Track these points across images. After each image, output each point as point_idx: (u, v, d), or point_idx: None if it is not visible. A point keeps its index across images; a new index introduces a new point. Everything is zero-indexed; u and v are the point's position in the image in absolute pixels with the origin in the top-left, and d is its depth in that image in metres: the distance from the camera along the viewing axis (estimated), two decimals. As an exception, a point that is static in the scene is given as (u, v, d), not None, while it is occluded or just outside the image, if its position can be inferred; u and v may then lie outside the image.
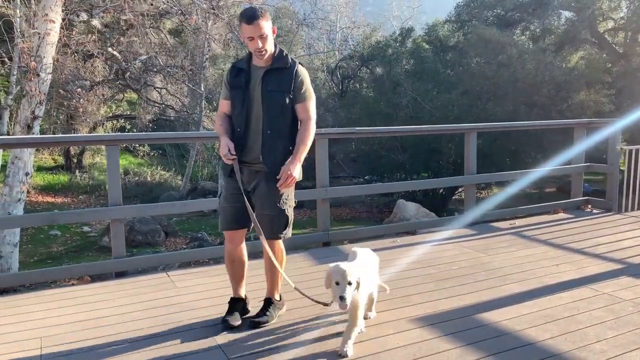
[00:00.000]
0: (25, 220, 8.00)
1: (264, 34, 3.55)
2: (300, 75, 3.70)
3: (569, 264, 5.22)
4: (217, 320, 3.91)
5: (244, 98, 3.68)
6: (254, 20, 3.51)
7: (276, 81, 3.66)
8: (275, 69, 3.67)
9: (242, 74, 3.71)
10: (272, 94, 3.65)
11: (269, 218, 3.75)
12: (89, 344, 3.55)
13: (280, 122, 3.68)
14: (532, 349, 3.47)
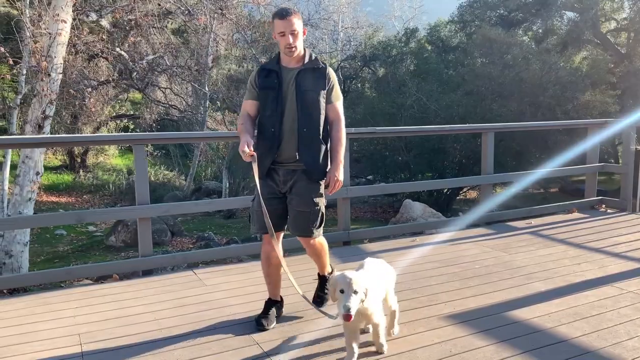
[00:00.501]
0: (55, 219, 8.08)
1: (295, 30, 3.63)
2: (331, 76, 3.79)
3: (590, 262, 5.26)
4: (250, 318, 3.95)
5: (277, 98, 3.71)
6: (286, 16, 3.61)
7: (310, 80, 3.72)
8: (309, 69, 3.74)
9: (273, 74, 3.75)
10: (307, 93, 3.70)
11: (305, 215, 3.79)
12: (126, 341, 3.59)
13: (315, 120, 3.73)
14: (565, 346, 3.51)
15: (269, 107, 3.74)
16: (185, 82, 19.78)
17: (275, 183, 3.79)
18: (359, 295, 3.02)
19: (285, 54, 3.74)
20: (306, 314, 4.05)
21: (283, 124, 3.72)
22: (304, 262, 4.92)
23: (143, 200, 4.91)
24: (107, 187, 22.11)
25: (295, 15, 3.65)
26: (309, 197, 3.76)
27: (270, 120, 3.73)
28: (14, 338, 3.66)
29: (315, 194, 3.78)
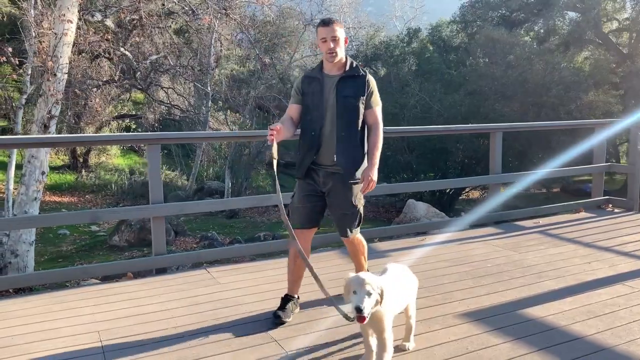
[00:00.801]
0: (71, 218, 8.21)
1: (336, 37, 3.85)
2: (371, 83, 3.95)
3: (601, 261, 5.30)
4: (266, 315, 3.99)
5: (319, 104, 3.91)
6: (329, 24, 3.87)
7: (350, 87, 3.90)
8: (349, 76, 3.92)
9: (316, 81, 3.97)
10: (347, 99, 3.88)
11: (347, 216, 4.00)
12: (145, 338, 3.62)
13: (353, 125, 3.90)
14: (580, 343, 3.54)
15: (311, 112, 3.95)
16: (189, 81, 19.81)
17: (315, 182, 3.99)
18: (374, 297, 2.92)
19: (326, 60, 3.94)
20: (322, 310, 4.08)
21: (323, 128, 3.91)
22: (324, 260, 4.96)
23: (157, 199, 4.94)
24: (110, 187, 22.11)
25: (337, 24, 3.89)
26: (348, 200, 3.95)
27: (312, 124, 3.94)
28: (35, 335, 3.69)
29: (353, 197, 3.96)
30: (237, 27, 17.52)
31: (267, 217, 19.80)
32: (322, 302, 4.24)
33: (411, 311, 3.45)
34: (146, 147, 4.90)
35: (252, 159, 21.55)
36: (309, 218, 4.01)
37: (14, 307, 4.20)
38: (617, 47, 23.56)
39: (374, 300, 2.92)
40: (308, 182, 4.01)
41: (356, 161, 3.94)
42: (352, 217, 4.01)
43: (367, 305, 2.88)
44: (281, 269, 5.13)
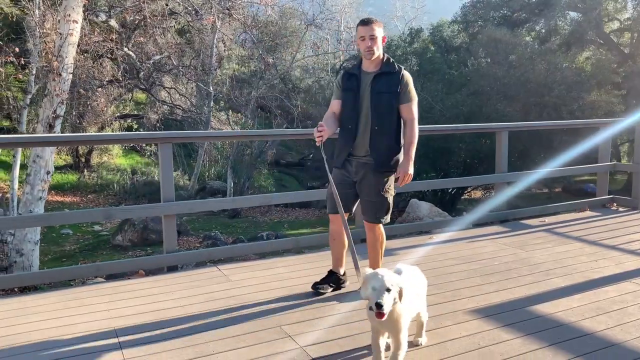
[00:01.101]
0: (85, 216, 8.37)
1: (374, 36, 4.08)
2: (405, 79, 4.16)
3: (607, 259, 5.35)
4: (279, 311, 4.05)
5: (355, 99, 4.18)
6: (368, 23, 4.11)
7: (384, 83, 4.13)
8: (384, 72, 4.15)
9: (354, 78, 4.23)
10: (381, 95, 4.12)
11: (373, 204, 4.25)
12: (161, 334, 3.67)
13: (386, 119, 4.13)
14: (590, 339, 3.59)
15: (348, 106, 4.24)
16: (191, 82, 19.85)
17: (348, 172, 4.27)
18: (392, 294, 2.89)
19: (364, 57, 4.19)
20: (335, 306, 4.13)
21: (359, 121, 4.18)
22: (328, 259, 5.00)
23: (168, 198, 5.00)
24: (112, 187, 22.17)
25: (376, 24, 4.12)
26: (377, 188, 4.20)
27: (349, 117, 4.23)
28: (52, 331, 3.74)
29: (382, 186, 4.20)
30: (240, 27, 17.55)
31: (269, 217, 19.86)
32: (336, 298, 4.31)
33: (422, 311, 3.46)
34: (158, 146, 4.94)
35: (254, 159, 21.61)
36: (343, 204, 4.11)
37: (31, 304, 4.26)
38: (619, 47, 23.62)
39: (392, 298, 2.90)
40: (342, 172, 4.29)
41: (388, 153, 4.17)
42: (378, 205, 4.23)
43: (387, 302, 2.85)
44: (291, 266, 5.22)
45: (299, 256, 5.64)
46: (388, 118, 4.12)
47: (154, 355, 3.37)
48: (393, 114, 4.13)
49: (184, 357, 3.33)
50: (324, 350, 3.43)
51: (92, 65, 15.28)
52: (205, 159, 24.13)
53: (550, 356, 3.34)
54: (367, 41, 4.07)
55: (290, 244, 5.92)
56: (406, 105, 4.15)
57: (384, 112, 4.11)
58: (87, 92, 15.29)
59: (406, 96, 4.14)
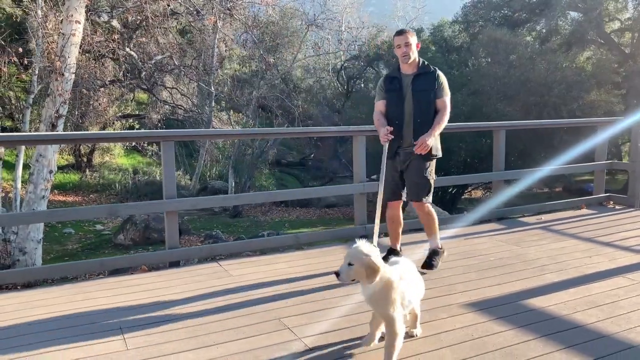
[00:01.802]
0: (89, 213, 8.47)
1: (409, 43, 4.77)
2: (440, 77, 4.84)
3: (601, 255, 5.44)
4: (279, 305, 4.15)
5: (399, 98, 4.86)
6: (402, 33, 4.82)
7: (423, 83, 4.81)
8: (422, 74, 4.84)
9: (395, 80, 4.91)
10: (421, 93, 4.80)
11: (417, 184, 4.93)
12: (164, 326, 3.77)
13: (426, 113, 4.80)
14: (581, 331, 3.68)
15: (393, 105, 4.91)
16: (193, 82, 19.95)
17: (397, 163, 4.94)
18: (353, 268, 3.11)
19: (402, 62, 4.86)
20: (334, 300, 4.23)
21: (403, 118, 4.86)
22: (332, 254, 5.10)
23: (171, 195, 5.10)
24: (113, 187, 22.27)
25: (409, 33, 4.82)
26: (421, 172, 4.89)
27: (394, 115, 4.90)
28: (57, 322, 3.85)
29: (425, 170, 4.90)
30: (240, 27, 17.65)
31: (270, 217, 19.95)
32: (335, 291, 4.41)
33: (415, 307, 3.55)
34: (160, 145, 5.05)
35: (255, 159, 21.68)
36: (393, 192, 5.02)
37: (36, 297, 4.38)
38: (619, 47, 23.67)
39: (352, 271, 3.12)
40: (393, 163, 4.94)
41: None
42: (422, 186, 4.92)
43: (343, 271, 3.13)
44: (291, 262, 5.32)
45: (298, 252, 5.75)
46: (428, 112, 4.78)
47: (156, 345, 3.48)
48: (432, 108, 4.80)
49: (185, 347, 3.44)
50: (322, 341, 3.52)
51: (94, 65, 15.37)
52: (206, 159, 24.22)
53: (541, 347, 3.44)
54: (403, 48, 4.76)
55: (291, 240, 6.04)
56: (440, 99, 4.82)
57: (424, 107, 4.78)
58: (89, 92, 15.38)
59: (441, 92, 4.81)
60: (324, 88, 30.40)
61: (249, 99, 22.40)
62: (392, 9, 49.57)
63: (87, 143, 21.25)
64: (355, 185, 6.22)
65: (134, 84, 18.81)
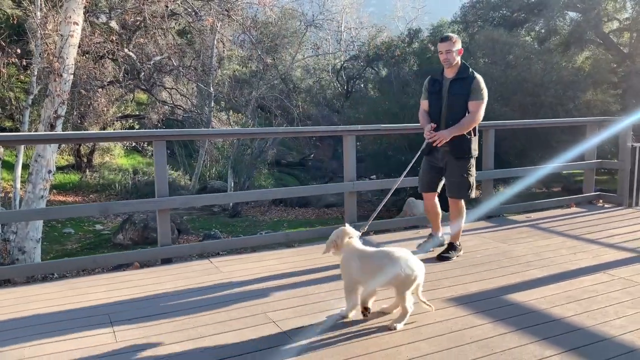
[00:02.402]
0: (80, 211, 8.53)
1: (451, 50, 5.11)
2: (475, 82, 5.12)
3: (586, 252, 5.54)
4: (266, 300, 4.27)
5: (438, 100, 5.27)
6: (445, 40, 5.16)
7: (458, 87, 5.16)
8: (460, 78, 5.17)
9: (437, 83, 5.31)
10: (455, 97, 5.16)
11: (457, 183, 5.35)
12: (153, 321, 3.89)
13: (458, 116, 5.14)
14: (558, 324, 3.79)
15: (433, 106, 5.34)
16: (192, 82, 20.06)
17: (435, 159, 5.42)
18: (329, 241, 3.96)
19: (444, 67, 5.22)
20: (319, 295, 4.34)
21: (441, 118, 5.23)
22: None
23: (163, 193, 5.22)
24: (113, 187, 22.39)
25: (453, 40, 5.15)
26: (460, 171, 5.29)
27: (433, 115, 5.32)
28: (49, 317, 3.97)
29: (461, 169, 5.29)
30: (239, 28, 17.75)
31: (269, 216, 20.06)
32: (320, 286, 4.51)
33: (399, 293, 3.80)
34: (153, 144, 5.16)
35: (254, 159, 21.80)
36: (429, 184, 5.59)
37: (32, 293, 4.50)
38: (618, 47, 23.72)
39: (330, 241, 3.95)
40: (429, 159, 5.48)
41: (462, 143, 5.19)
42: (462, 185, 5.33)
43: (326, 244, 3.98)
44: (281, 258, 5.44)
45: (288, 250, 5.86)
46: (459, 114, 5.12)
47: (144, 338, 3.59)
48: (463, 111, 5.13)
49: (172, 340, 3.55)
50: (305, 335, 3.63)
51: (94, 66, 15.48)
52: (206, 159, 24.34)
53: (517, 339, 3.54)
54: (444, 55, 5.11)
55: (281, 238, 6.14)
56: (472, 102, 5.12)
57: (457, 110, 5.14)
58: (88, 92, 15.49)
59: (474, 95, 5.10)
60: (323, 88, 30.51)
61: (248, 99, 22.54)
62: (392, 9, 49.61)
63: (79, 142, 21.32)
64: (346, 184, 6.33)
65: (133, 84, 18.91)
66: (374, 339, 3.56)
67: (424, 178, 5.60)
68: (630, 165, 7.69)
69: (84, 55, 16.03)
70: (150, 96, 21.49)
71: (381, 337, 3.60)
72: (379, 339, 3.57)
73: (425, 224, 7.26)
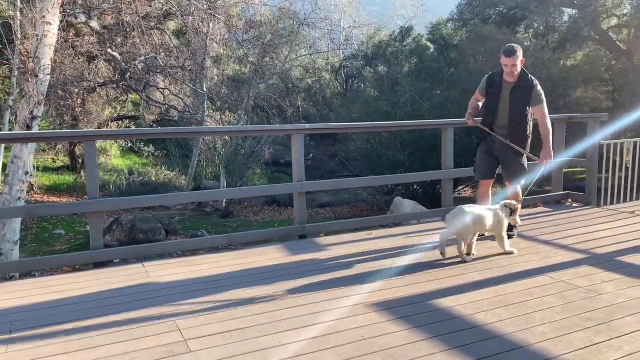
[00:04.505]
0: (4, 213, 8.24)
1: (515, 64, 5.43)
2: (535, 90, 5.55)
3: (535, 254, 5.36)
4: (180, 305, 4.12)
5: (495, 100, 5.66)
6: (510, 55, 5.41)
7: (520, 93, 5.55)
8: (520, 85, 5.55)
9: (496, 85, 5.66)
10: (517, 102, 5.56)
11: (515, 171, 5.77)
12: (54, 327, 3.75)
13: (520, 119, 5.61)
14: (476, 331, 3.62)
15: (490, 105, 5.75)
16: (180, 81, 19.95)
17: (491, 149, 5.83)
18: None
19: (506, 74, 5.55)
20: (232, 302, 4.19)
21: (497, 115, 5.69)
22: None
23: (93, 195, 5.08)
24: (107, 188, 22.35)
25: (518, 54, 5.41)
26: (515, 162, 5.75)
27: (489, 112, 5.77)
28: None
29: (519, 159, 5.73)
30: (224, 27, 17.62)
31: (260, 216, 19.95)
32: (237, 292, 4.36)
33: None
34: (83, 144, 5.02)
35: (245, 158, 21.68)
36: (485, 171, 5.96)
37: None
38: (616, 44, 23.36)
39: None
40: (486, 149, 5.89)
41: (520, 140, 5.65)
42: (519, 172, 5.75)
43: None
44: (215, 262, 5.30)
45: (229, 252, 5.70)
46: (521, 118, 5.59)
47: (36, 348, 3.45)
48: (524, 114, 5.58)
49: (64, 350, 3.41)
50: (206, 344, 3.48)
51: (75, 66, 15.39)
52: (202, 159, 24.26)
53: (427, 347, 3.38)
54: (510, 68, 5.43)
55: (223, 241, 5.99)
56: (537, 107, 5.59)
57: (517, 114, 5.57)
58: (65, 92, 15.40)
59: (536, 100, 5.56)
60: (322, 87, 30.37)
61: (239, 99, 22.42)
62: (393, 8, 49.31)
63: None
64: (294, 184, 6.17)
65: (121, 85, 18.83)
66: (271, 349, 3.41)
67: (482, 166, 5.95)
68: (597, 164, 7.48)
69: (77, 57, 15.97)
70: (141, 96, 21.39)
71: (287, 346, 3.44)
72: (284, 348, 3.42)
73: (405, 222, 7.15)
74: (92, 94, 19.69)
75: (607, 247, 5.57)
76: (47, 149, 24.08)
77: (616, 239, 5.86)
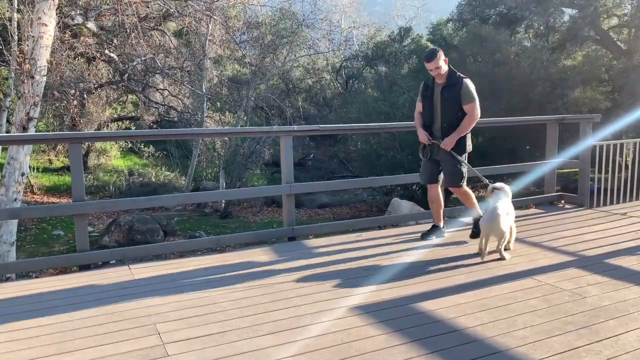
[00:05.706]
0: None
1: (439, 66, 5.56)
2: (464, 86, 5.63)
3: (524, 256, 5.33)
4: (161, 309, 4.09)
5: (430, 104, 5.83)
6: (430, 60, 5.57)
7: (449, 93, 5.67)
8: (449, 84, 5.67)
9: (429, 89, 5.83)
10: (447, 102, 5.70)
11: (452, 173, 5.83)
12: (33, 330, 3.73)
13: (452, 118, 5.70)
14: (457, 335, 3.59)
15: (426, 108, 5.91)
16: (178, 82, 19.96)
17: (433, 152, 5.88)
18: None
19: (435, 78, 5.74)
20: (214, 306, 4.17)
21: (434, 121, 5.85)
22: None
23: (79, 197, 5.07)
24: (108, 188, 22.40)
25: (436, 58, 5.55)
26: (450, 163, 5.80)
27: (427, 117, 5.93)
28: None
29: (454, 161, 5.76)
30: (222, 27, 17.61)
31: (260, 217, 19.94)
32: (218, 295, 4.35)
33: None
34: (69, 147, 5.01)
35: (244, 159, 21.67)
36: (429, 177, 6.03)
37: None
38: (616, 44, 23.27)
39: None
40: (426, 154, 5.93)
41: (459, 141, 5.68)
42: (456, 175, 5.81)
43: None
44: (200, 266, 5.26)
45: (216, 255, 5.68)
46: (452, 117, 5.68)
47: (13, 352, 3.43)
48: (456, 113, 5.66)
49: (41, 354, 3.39)
50: (185, 348, 3.47)
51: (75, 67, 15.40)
52: (202, 160, 24.28)
53: (405, 352, 3.36)
54: (434, 71, 5.60)
55: (211, 243, 5.97)
56: (465, 105, 5.63)
57: (449, 113, 5.69)
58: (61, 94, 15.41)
59: (465, 99, 5.63)
60: (323, 88, 30.38)
61: (238, 99, 22.42)
62: (395, 8, 49.22)
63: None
64: (283, 186, 6.15)
65: (120, 86, 18.84)
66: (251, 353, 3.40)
67: (425, 171, 6.06)
68: (589, 165, 7.45)
69: (76, 59, 15.99)
70: (140, 98, 21.41)
71: (265, 350, 3.43)
72: (262, 352, 3.40)
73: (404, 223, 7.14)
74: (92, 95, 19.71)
75: (596, 249, 5.54)
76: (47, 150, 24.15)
77: (606, 241, 5.82)
